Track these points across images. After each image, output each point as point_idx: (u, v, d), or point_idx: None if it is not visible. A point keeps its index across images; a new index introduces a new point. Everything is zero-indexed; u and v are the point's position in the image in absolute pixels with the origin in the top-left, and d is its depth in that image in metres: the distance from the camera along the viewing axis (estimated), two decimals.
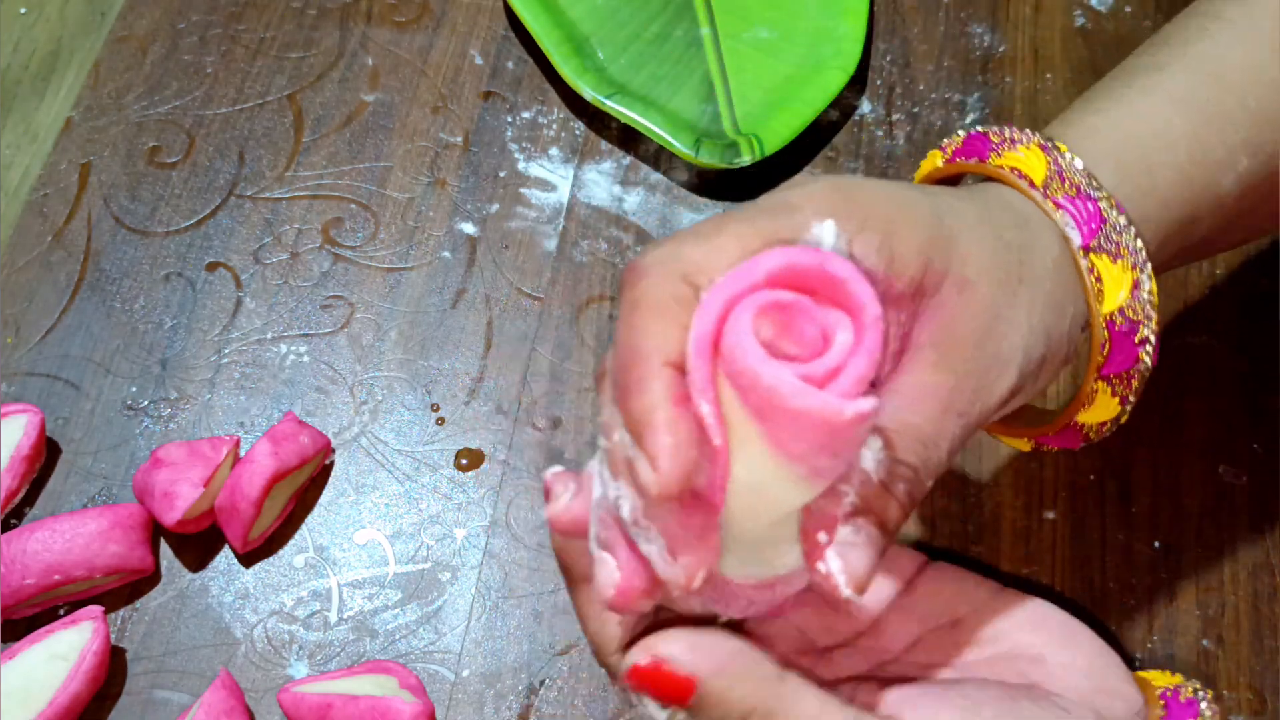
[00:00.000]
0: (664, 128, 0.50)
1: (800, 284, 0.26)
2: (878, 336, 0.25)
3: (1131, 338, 0.32)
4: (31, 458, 0.44)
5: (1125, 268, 0.32)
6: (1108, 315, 0.32)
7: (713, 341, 0.25)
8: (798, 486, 0.26)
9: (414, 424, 0.47)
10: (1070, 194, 0.32)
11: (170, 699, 0.42)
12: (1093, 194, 0.32)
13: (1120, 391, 0.33)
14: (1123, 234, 0.32)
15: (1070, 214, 0.31)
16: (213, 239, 0.50)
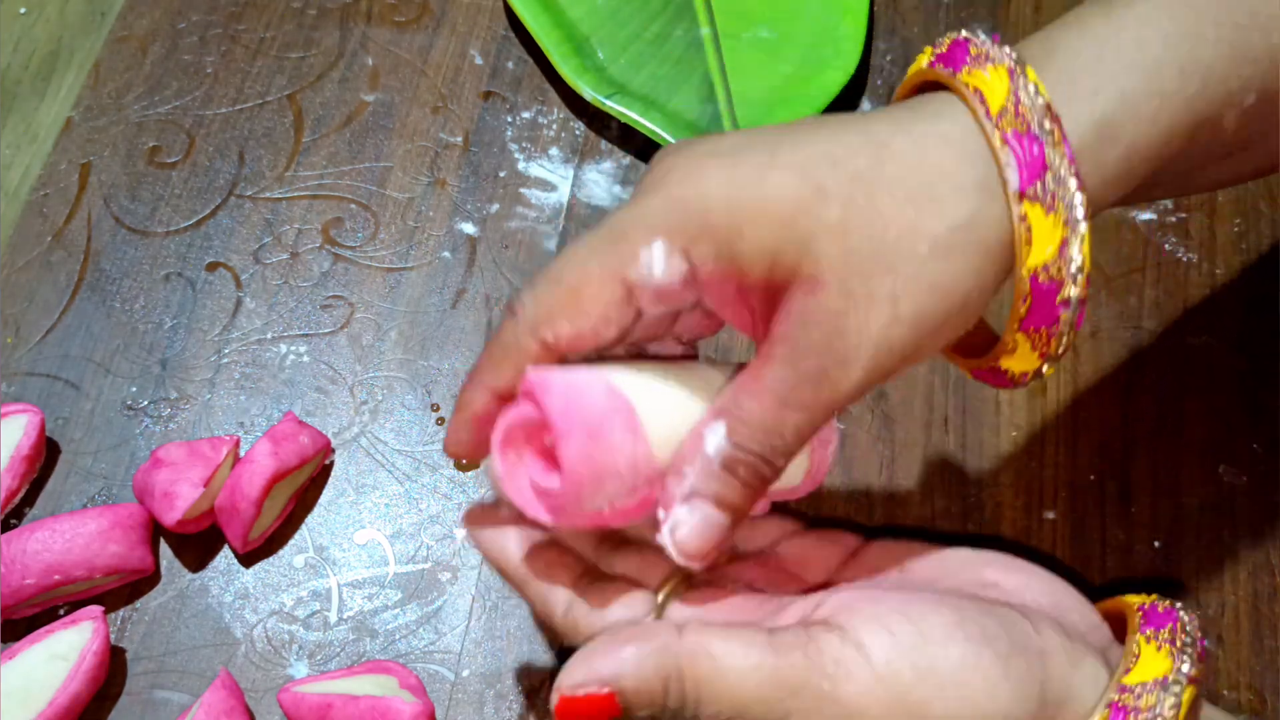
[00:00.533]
0: (664, 128, 0.50)
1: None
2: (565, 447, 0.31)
3: (1053, 296, 0.30)
4: (31, 458, 0.44)
5: (1057, 222, 0.29)
6: (1031, 269, 0.30)
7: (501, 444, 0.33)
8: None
9: (414, 424, 0.47)
10: (1020, 129, 0.30)
11: (170, 699, 0.42)
12: (1041, 135, 0.29)
13: (1039, 347, 0.31)
14: (1062, 185, 0.29)
15: (1014, 153, 0.29)
16: (213, 239, 0.50)
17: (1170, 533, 0.44)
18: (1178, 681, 0.29)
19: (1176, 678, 0.29)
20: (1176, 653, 0.29)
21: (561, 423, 0.31)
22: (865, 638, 0.29)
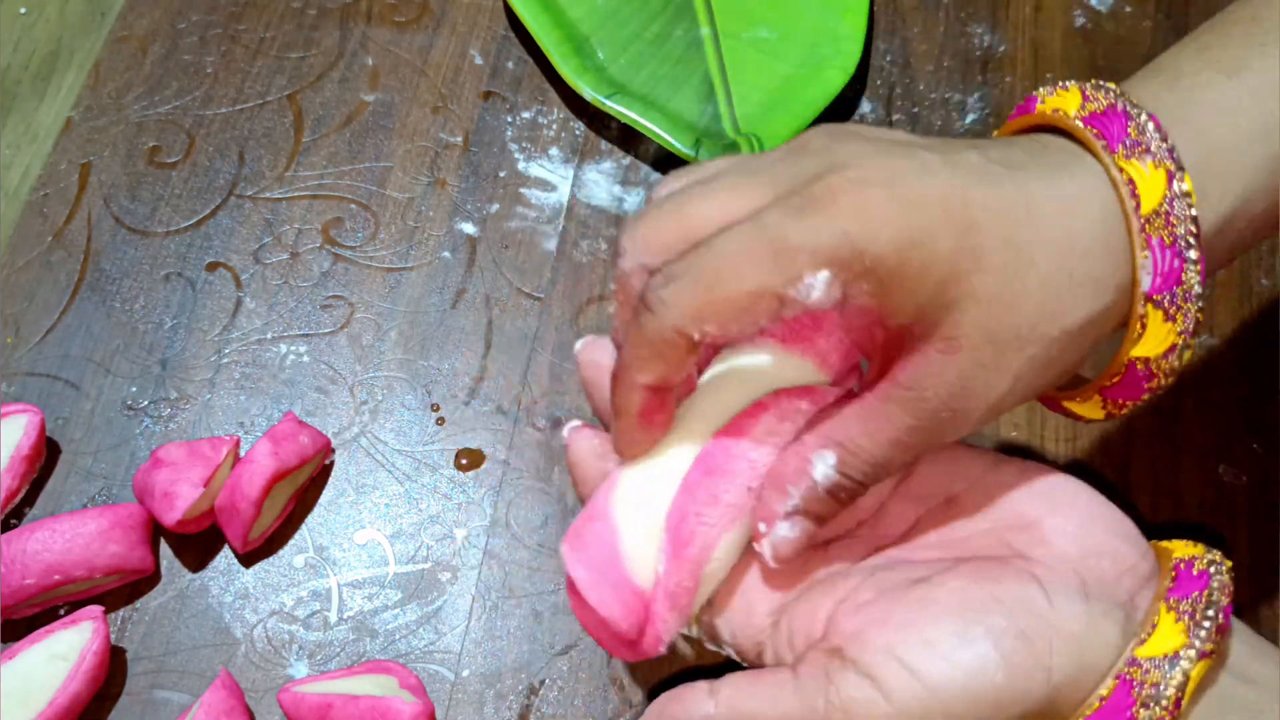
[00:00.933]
0: (664, 128, 0.50)
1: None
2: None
3: (1145, 381, 0.32)
4: (31, 458, 0.44)
5: (1173, 330, 0.32)
6: (1135, 358, 0.32)
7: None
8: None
9: (414, 424, 0.47)
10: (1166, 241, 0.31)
11: (170, 699, 0.42)
12: (1182, 250, 0.31)
13: (1112, 408, 0.34)
14: (1189, 299, 0.31)
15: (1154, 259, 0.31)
16: (213, 239, 0.50)
17: (1170, 533, 0.44)
18: (1188, 659, 0.29)
19: (1187, 654, 0.29)
20: (1193, 626, 0.29)
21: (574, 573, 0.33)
22: (878, 672, 0.30)
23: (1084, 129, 0.32)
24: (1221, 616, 0.30)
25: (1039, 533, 0.32)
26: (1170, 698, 0.29)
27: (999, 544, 0.33)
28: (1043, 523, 0.32)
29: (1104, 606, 0.31)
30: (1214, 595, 0.30)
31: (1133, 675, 0.29)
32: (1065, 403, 0.35)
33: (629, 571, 0.32)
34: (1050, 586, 0.31)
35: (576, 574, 0.32)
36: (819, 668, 0.31)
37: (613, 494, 0.33)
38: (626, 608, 0.32)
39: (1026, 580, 0.31)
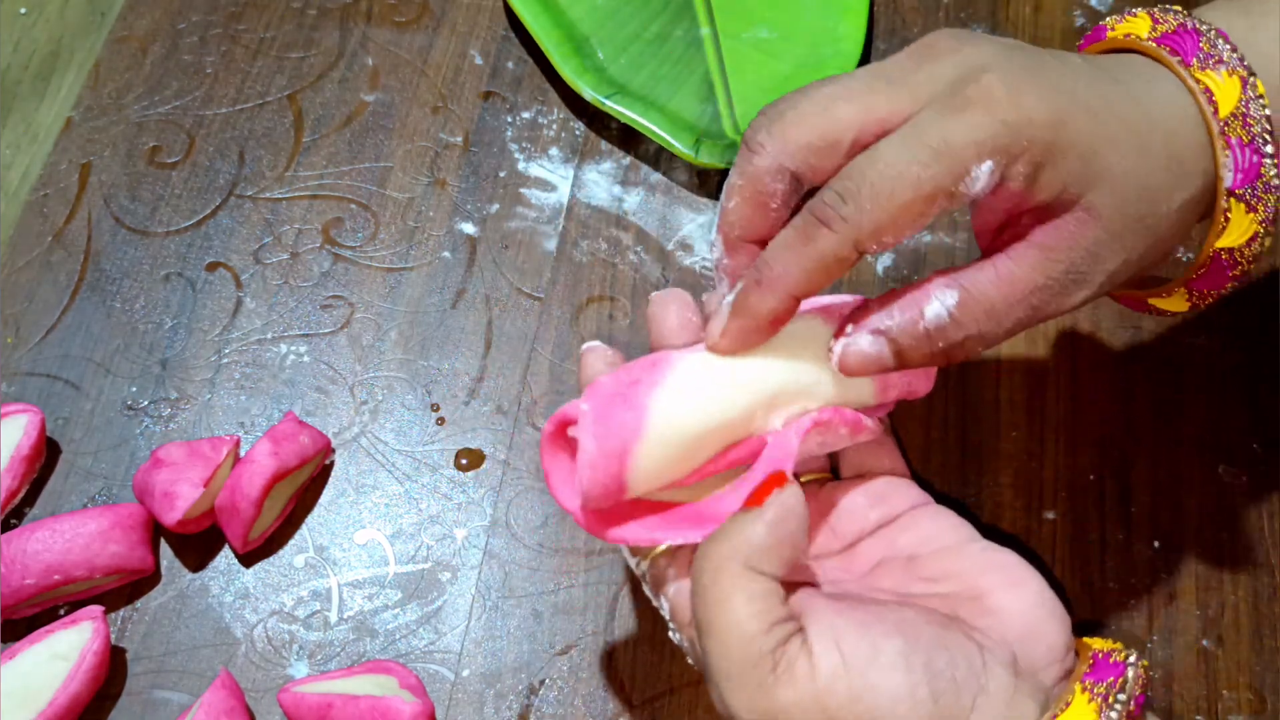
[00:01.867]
0: (664, 128, 0.50)
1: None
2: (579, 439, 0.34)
3: (1229, 269, 0.35)
4: (31, 458, 0.44)
5: (1254, 220, 0.34)
6: (1219, 248, 0.35)
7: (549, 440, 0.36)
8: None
9: (414, 424, 0.47)
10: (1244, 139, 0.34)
11: (170, 699, 0.42)
12: (1260, 147, 0.34)
13: (1195, 300, 0.37)
14: (1268, 191, 0.34)
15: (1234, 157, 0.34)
16: (213, 239, 0.50)
17: (1170, 533, 0.44)
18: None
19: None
20: (1105, 709, 0.31)
21: (582, 418, 0.33)
22: (818, 648, 0.31)
23: (1158, 48, 0.35)
24: (1134, 704, 0.31)
25: (987, 605, 0.34)
26: None
27: (947, 608, 0.34)
28: (993, 597, 0.34)
29: (1028, 686, 0.32)
30: (1128, 684, 0.32)
31: None
32: (1151, 299, 0.38)
33: (628, 467, 0.33)
34: (988, 652, 0.32)
35: (583, 442, 0.33)
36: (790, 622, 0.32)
37: (655, 392, 0.33)
38: (605, 492, 0.33)
39: (968, 640, 0.32)
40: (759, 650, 0.31)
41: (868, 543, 0.37)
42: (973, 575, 0.35)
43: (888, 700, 0.30)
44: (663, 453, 0.33)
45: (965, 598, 0.34)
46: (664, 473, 0.34)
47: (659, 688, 0.42)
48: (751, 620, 0.31)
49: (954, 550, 0.36)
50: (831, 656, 0.31)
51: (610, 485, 0.33)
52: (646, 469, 0.33)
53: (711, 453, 0.34)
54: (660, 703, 0.42)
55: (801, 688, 0.30)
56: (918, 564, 0.36)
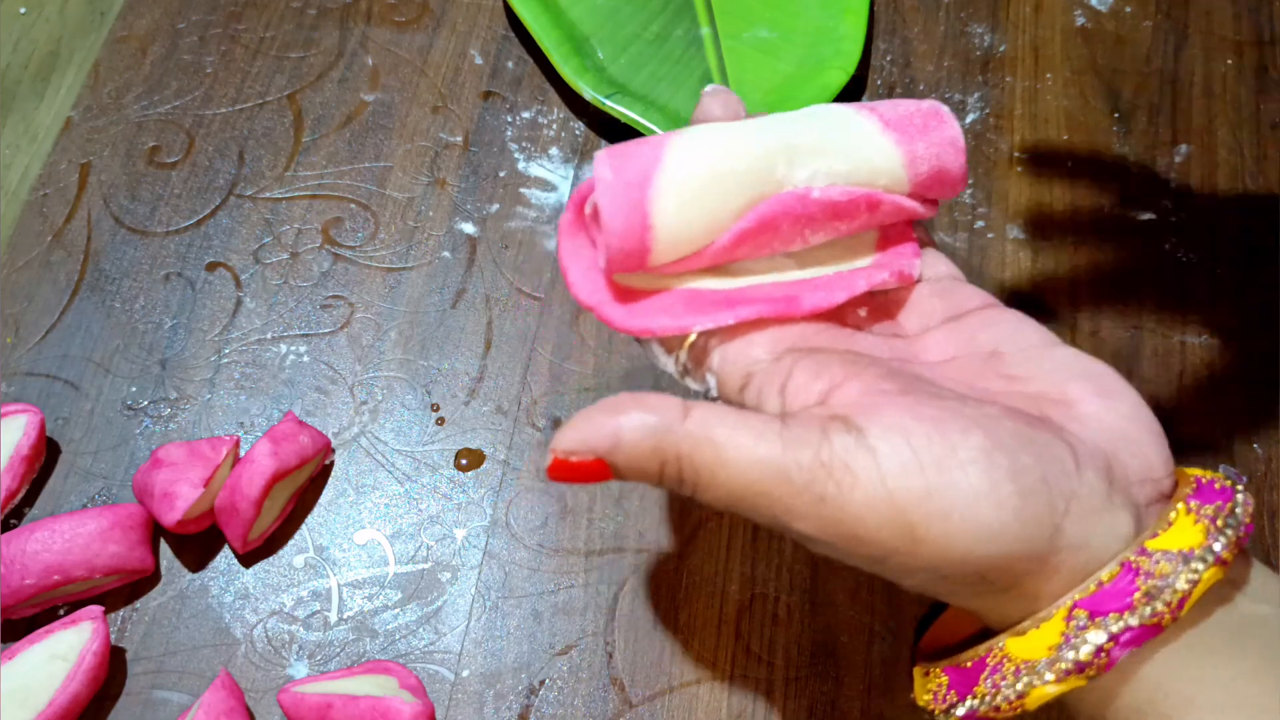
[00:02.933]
0: (664, 128, 0.50)
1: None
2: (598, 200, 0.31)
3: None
4: (31, 458, 0.44)
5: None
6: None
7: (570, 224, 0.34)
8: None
9: (414, 424, 0.47)
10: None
11: (170, 699, 0.42)
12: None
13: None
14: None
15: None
16: (213, 239, 0.50)
17: None
18: (1203, 559, 0.27)
19: (1203, 554, 0.27)
20: (1214, 531, 0.27)
21: (600, 182, 0.31)
22: (882, 445, 0.28)
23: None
24: (1243, 531, 0.28)
25: (1076, 412, 0.30)
26: (1176, 594, 0.27)
27: (1032, 408, 0.30)
28: (1083, 405, 0.30)
29: (1122, 499, 0.28)
30: (1237, 510, 0.28)
31: (1140, 564, 0.27)
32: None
33: (650, 198, 0.31)
34: (1080, 455, 0.28)
35: (601, 173, 0.31)
36: (815, 422, 0.29)
37: (673, 136, 0.32)
38: (628, 227, 0.31)
39: (1059, 439, 0.29)
40: (800, 466, 0.28)
41: (937, 335, 0.33)
42: (1062, 378, 0.31)
43: (967, 497, 0.27)
44: (685, 184, 0.31)
45: (1053, 400, 0.30)
46: (690, 213, 0.31)
47: (659, 688, 0.42)
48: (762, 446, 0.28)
49: (1040, 350, 0.32)
50: (900, 452, 0.27)
51: (634, 220, 0.31)
52: (670, 203, 0.31)
53: (737, 200, 0.32)
54: (660, 703, 0.42)
55: (869, 488, 0.27)
56: (1000, 360, 0.31)
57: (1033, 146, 0.53)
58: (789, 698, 0.42)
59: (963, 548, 0.27)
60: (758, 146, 0.32)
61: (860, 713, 0.41)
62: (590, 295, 0.33)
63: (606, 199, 0.31)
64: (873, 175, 0.33)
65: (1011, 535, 0.27)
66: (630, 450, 0.29)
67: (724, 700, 0.42)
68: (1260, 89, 0.54)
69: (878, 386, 0.29)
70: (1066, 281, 0.49)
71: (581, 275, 0.33)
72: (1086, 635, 0.27)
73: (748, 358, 0.32)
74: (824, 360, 0.31)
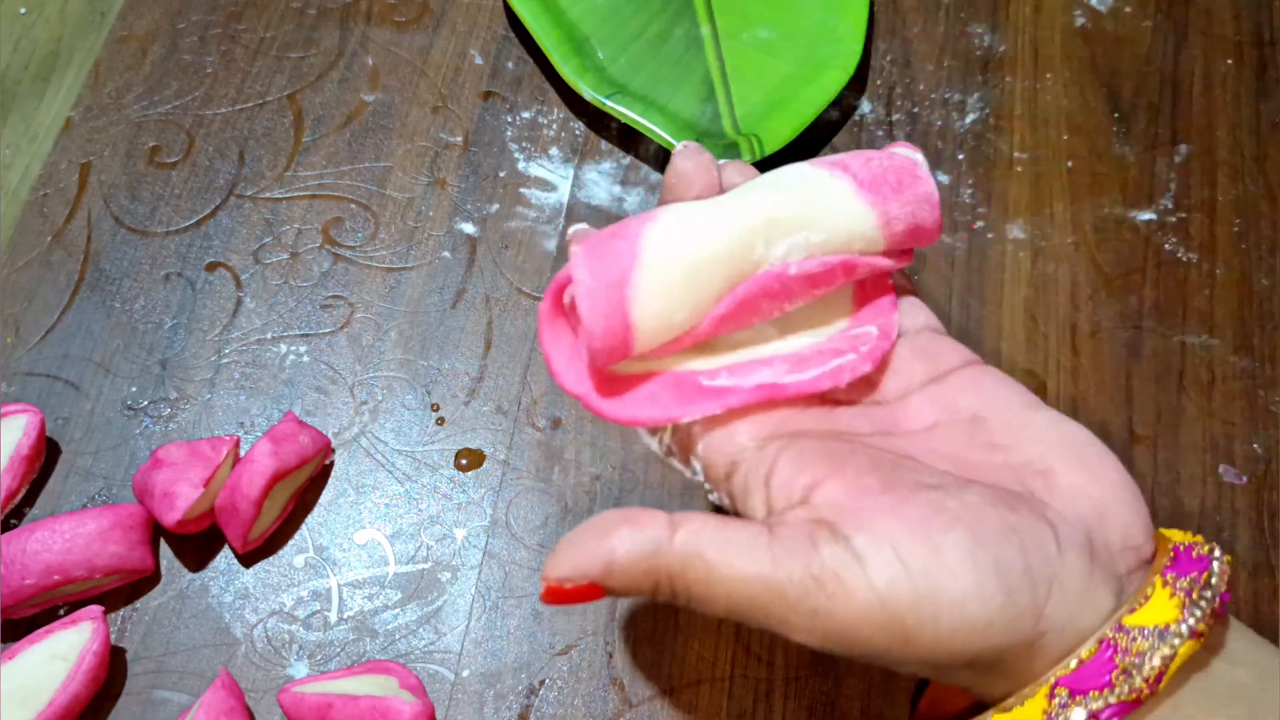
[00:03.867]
0: (664, 128, 0.50)
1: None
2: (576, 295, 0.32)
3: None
4: (31, 458, 0.44)
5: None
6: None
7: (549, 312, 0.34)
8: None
9: (414, 424, 0.47)
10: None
11: (170, 699, 0.42)
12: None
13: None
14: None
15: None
16: (213, 239, 0.50)
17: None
18: (1178, 634, 0.28)
19: (1178, 630, 0.28)
20: (1189, 605, 0.28)
21: (573, 258, 0.31)
22: (870, 554, 0.28)
23: None
24: (1218, 601, 0.29)
25: (1057, 484, 0.31)
26: (1153, 670, 0.28)
27: (1014, 481, 0.31)
28: (1064, 476, 0.31)
29: (1103, 574, 0.29)
30: (1212, 579, 0.29)
31: (1117, 641, 0.28)
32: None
33: (629, 298, 0.31)
34: (1061, 535, 0.29)
35: (579, 276, 0.31)
36: (802, 533, 0.29)
37: (648, 225, 0.32)
38: (609, 331, 0.31)
39: (1041, 521, 0.29)
40: (791, 580, 0.28)
41: (918, 400, 0.33)
42: (1043, 449, 0.31)
43: (954, 599, 0.28)
44: (664, 279, 0.31)
45: (1034, 471, 0.31)
46: (670, 306, 0.32)
47: (659, 688, 0.42)
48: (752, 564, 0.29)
49: (1021, 414, 0.32)
50: (887, 560, 0.28)
51: (614, 322, 0.31)
52: (650, 301, 0.31)
53: (716, 286, 0.32)
54: (660, 703, 0.42)
55: (861, 598, 0.28)
56: (981, 427, 0.32)
57: (1033, 146, 0.53)
58: (789, 698, 0.42)
59: (955, 645, 0.28)
60: (735, 229, 0.32)
61: (860, 713, 0.41)
62: (576, 385, 0.33)
63: (586, 303, 0.31)
64: (849, 240, 0.33)
65: (998, 629, 0.28)
66: (623, 575, 0.30)
67: (724, 700, 0.42)
68: (1260, 89, 0.54)
69: (860, 484, 0.30)
70: (1067, 281, 0.49)
71: (565, 364, 0.33)
72: (1069, 714, 0.28)
73: (733, 445, 0.32)
74: (806, 452, 0.31)
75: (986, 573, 0.28)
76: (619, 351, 0.32)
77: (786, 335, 0.35)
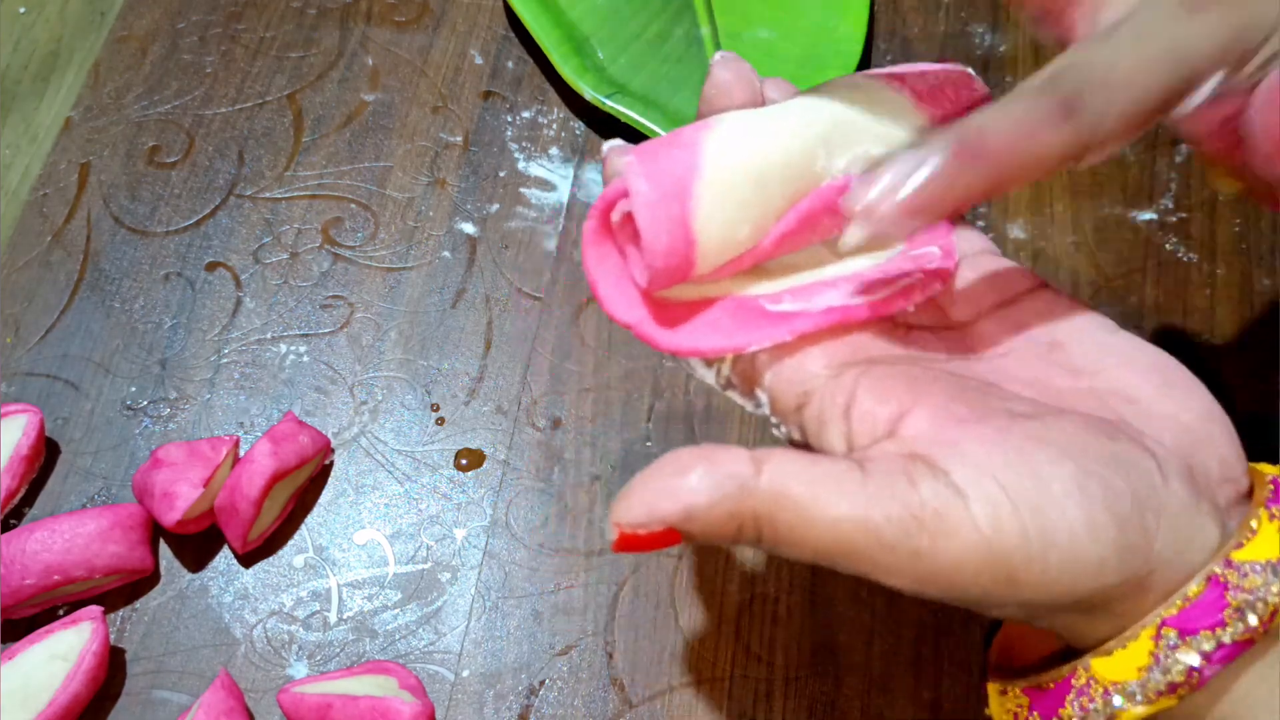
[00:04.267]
0: (664, 128, 0.50)
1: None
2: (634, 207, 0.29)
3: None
4: (31, 458, 0.44)
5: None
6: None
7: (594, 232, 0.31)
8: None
9: (414, 424, 0.47)
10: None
11: (170, 699, 0.42)
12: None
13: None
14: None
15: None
16: (212, 239, 0.50)
17: None
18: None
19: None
20: None
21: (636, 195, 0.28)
22: (972, 489, 0.26)
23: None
24: None
25: (1148, 411, 0.29)
26: (1269, 606, 0.26)
27: (1103, 408, 0.29)
28: (1154, 403, 0.29)
29: (1207, 505, 0.27)
30: None
31: (1227, 578, 0.26)
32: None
33: (691, 210, 0.29)
34: (1164, 465, 0.27)
35: (637, 186, 0.28)
36: (896, 467, 0.27)
37: (706, 133, 0.30)
38: (672, 245, 0.28)
39: (1142, 450, 0.27)
40: (889, 521, 0.26)
41: (989, 324, 0.31)
42: (1128, 373, 0.29)
43: (1066, 536, 0.26)
44: (728, 190, 0.29)
45: (1123, 398, 0.29)
46: (735, 219, 0.29)
47: (659, 688, 0.42)
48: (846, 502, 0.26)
49: (1099, 338, 0.30)
50: (991, 495, 0.26)
51: (677, 236, 0.28)
52: (714, 214, 0.29)
53: (780, 199, 0.30)
54: (660, 703, 0.42)
55: (965, 537, 0.26)
56: (1060, 352, 0.30)
57: None
58: (789, 698, 0.42)
59: (1063, 585, 0.26)
60: (796, 140, 0.30)
61: (860, 712, 0.41)
62: (627, 313, 0.30)
63: (646, 215, 0.28)
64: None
65: (1111, 567, 0.26)
66: (705, 517, 0.27)
67: (724, 700, 0.42)
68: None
69: (950, 413, 0.28)
70: (1067, 282, 0.49)
71: (613, 289, 0.30)
72: (1178, 655, 0.26)
73: (804, 374, 0.30)
74: (886, 379, 0.29)
75: (1097, 506, 0.26)
76: (680, 271, 0.29)
77: (844, 258, 0.32)
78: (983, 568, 0.26)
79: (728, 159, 0.29)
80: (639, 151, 0.29)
